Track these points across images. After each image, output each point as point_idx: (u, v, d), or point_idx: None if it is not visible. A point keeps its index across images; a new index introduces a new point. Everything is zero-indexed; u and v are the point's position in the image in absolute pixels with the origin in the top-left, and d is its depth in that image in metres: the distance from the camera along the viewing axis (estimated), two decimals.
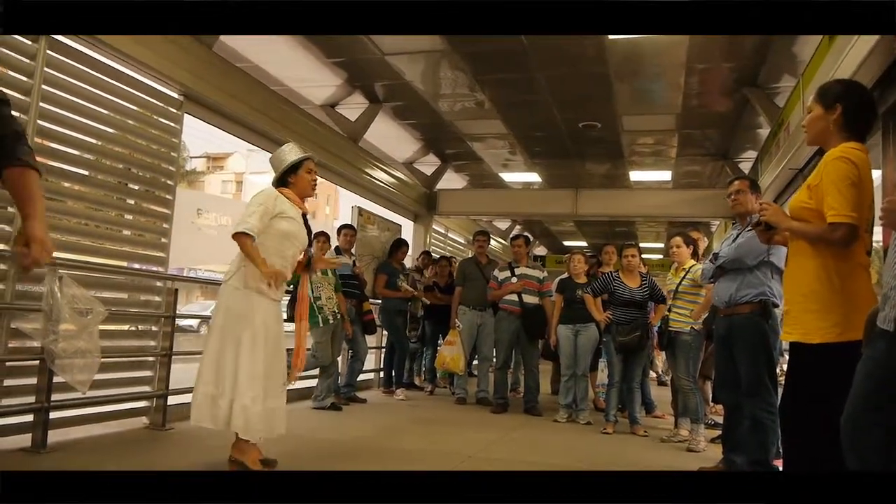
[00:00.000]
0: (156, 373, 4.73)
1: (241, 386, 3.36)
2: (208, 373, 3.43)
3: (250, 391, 3.37)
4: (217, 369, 3.42)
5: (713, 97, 7.25)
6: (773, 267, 3.84)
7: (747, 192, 4.04)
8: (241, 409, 3.35)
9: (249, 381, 3.38)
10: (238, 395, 3.36)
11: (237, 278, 3.51)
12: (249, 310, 3.46)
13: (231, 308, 3.48)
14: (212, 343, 3.48)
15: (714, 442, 4.91)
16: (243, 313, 3.45)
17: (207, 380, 3.42)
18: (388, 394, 7.39)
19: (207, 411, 3.40)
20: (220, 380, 3.40)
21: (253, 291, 3.48)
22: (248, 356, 3.40)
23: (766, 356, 3.74)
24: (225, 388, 3.38)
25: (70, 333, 3.54)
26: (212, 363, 3.44)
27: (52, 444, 3.81)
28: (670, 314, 5.22)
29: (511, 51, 6.16)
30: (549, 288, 6.66)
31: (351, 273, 6.60)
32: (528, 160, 10.12)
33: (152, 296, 4.90)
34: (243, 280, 3.49)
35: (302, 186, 3.73)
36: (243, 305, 3.46)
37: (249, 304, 3.47)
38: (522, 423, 5.98)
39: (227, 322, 3.47)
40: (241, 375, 3.38)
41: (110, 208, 4.75)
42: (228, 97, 5.50)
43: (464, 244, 12.37)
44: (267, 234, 3.52)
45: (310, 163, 3.76)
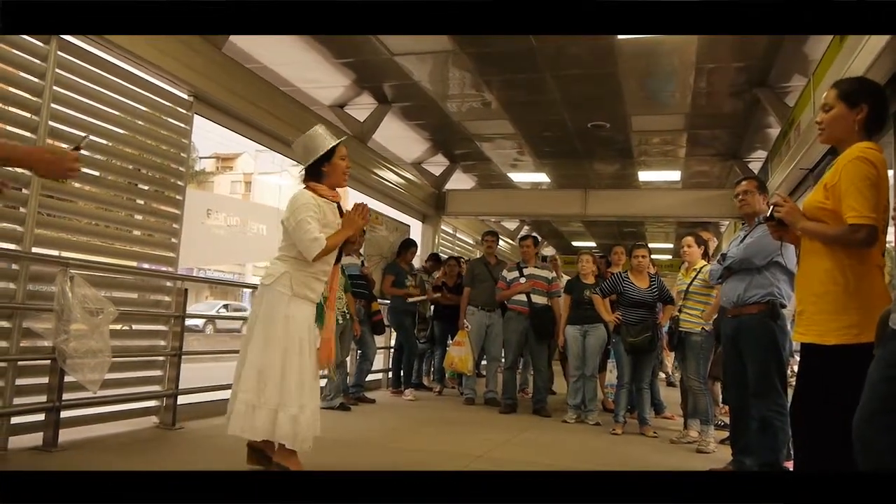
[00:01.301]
0: (166, 372, 4.75)
1: (289, 395, 3.25)
2: (249, 380, 3.29)
3: (299, 400, 3.27)
4: (260, 377, 3.28)
5: (723, 97, 7.22)
6: (781, 267, 3.82)
7: (755, 192, 4.03)
8: (289, 419, 3.23)
9: (298, 390, 3.27)
10: (285, 404, 3.24)
11: (283, 284, 3.36)
12: (298, 317, 3.35)
13: (278, 315, 3.33)
14: (254, 349, 3.34)
15: (724, 443, 4.89)
16: (291, 321, 3.33)
17: (248, 388, 3.28)
18: (396, 394, 7.39)
19: (247, 422, 3.26)
20: (263, 389, 3.26)
21: (300, 298, 3.38)
22: (297, 364, 3.30)
23: (775, 357, 3.71)
24: (268, 397, 3.25)
25: (81, 333, 3.57)
26: (254, 371, 3.30)
27: (64, 443, 3.84)
28: (681, 315, 5.20)
29: (519, 51, 6.15)
30: (557, 288, 6.65)
31: (359, 273, 6.61)
32: (537, 160, 10.11)
33: (162, 296, 4.92)
34: (290, 286, 3.35)
35: (336, 177, 3.54)
36: (291, 312, 3.34)
37: (298, 311, 3.36)
38: (531, 423, 5.97)
39: (273, 329, 3.33)
40: (290, 384, 3.26)
41: (121, 208, 4.77)
42: (238, 98, 5.52)
43: (472, 244, 12.37)
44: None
45: (342, 148, 3.55)
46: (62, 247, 4.18)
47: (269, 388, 3.25)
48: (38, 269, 3.90)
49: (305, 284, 3.40)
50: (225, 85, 5.34)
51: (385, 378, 8.11)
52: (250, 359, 3.34)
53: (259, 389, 3.27)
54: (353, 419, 5.70)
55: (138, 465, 3.61)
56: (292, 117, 6.36)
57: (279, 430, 3.24)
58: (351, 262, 6.51)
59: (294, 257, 3.42)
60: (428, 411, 6.44)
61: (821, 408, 2.51)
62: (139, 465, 3.61)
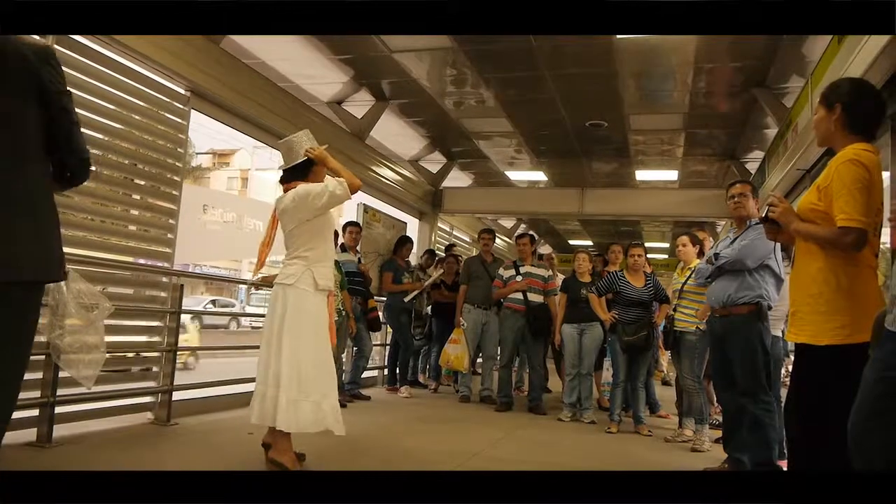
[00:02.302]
0: (161, 368, 4.75)
1: (326, 386, 3.45)
2: (289, 377, 3.39)
3: (322, 388, 3.44)
4: (300, 373, 3.39)
5: (721, 97, 7.23)
6: (770, 271, 3.90)
7: (749, 195, 4.07)
8: (331, 408, 3.43)
9: (331, 380, 3.49)
10: (326, 394, 3.44)
11: (306, 282, 3.49)
12: (324, 311, 3.54)
13: (307, 311, 3.47)
14: (288, 346, 3.43)
15: (718, 442, 4.90)
16: (320, 316, 3.51)
17: (289, 384, 3.38)
18: (392, 391, 7.39)
19: (291, 416, 3.36)
20: (303, 383, 3.38)
21: (322, 292, 3.53)
22: (328, 356, 3.50)
23: (763, 356, 3.80)
24: (310, 390, 3.39)
25: (76, 328, 3.55)
26: (293, 367, 3.40)
27: (58, 439, 3.83)
28: (675, 314, 5.21)
29: (518, 49, 6.15)
30: (554, 286, 6.66)
31: (356, 270, 6.60)
32: (535, 159, 10.11)
33: (158, 291, 4.91)
34: (313, 283, 3.49)
35: (320, 178, 3.65)
36: (319, 308, 3.52)
37: (323, 306, 3.54)
38: (526, 421, 5.98)
39: (306, 325, 3.46)
40: (326, 375, 3.46)
41: (116, 203, 4.76)
42: (235, 94, 5.50)
43: (469, 242, 12.37)
44: (323, 226, 3.57)
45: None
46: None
47: (310, 382, 3.40)
48: None
49: (326, 276, 3.55)
50: (222, 80, 5.32)
51: (381, 375, 8.11)
52: (286, 355, 3.42)
53: (300, 385, 3.39)
54: (348, 416, 5.64)
55: (133, 461, 3.60)
56: (289, 113, 6.35)
57: (326, 420, 3.40)
58: (348, 259, 6.51)
59: (312, 255, 3.54)
60: (423, 409, 6.44)
61: (815, 407, 2.52)
62: (134, 461, 3.60)
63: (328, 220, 3.64)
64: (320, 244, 3.57)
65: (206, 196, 30.68)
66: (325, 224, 3.62)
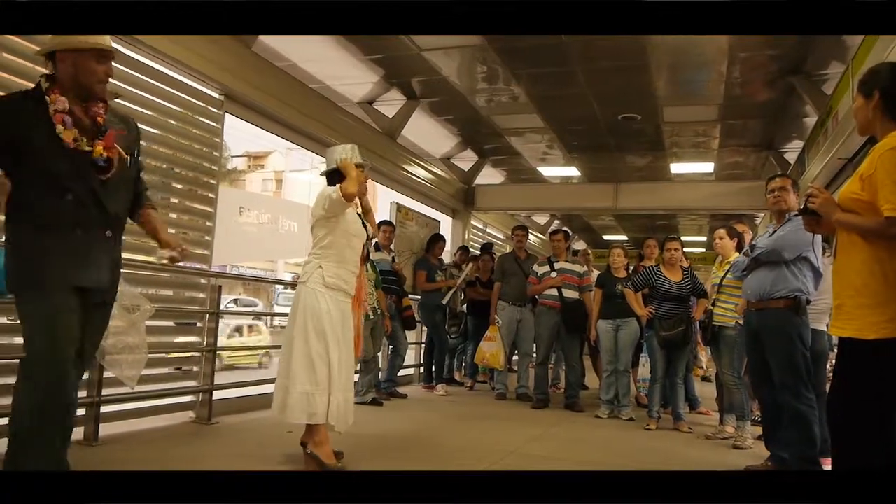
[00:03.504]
0: (201, 368, 4.83)
1: (338, 382, 3.51)
2: (303, 372, 3.48)
3: (339, 385, 3.52)
4: (311, 368, 3.48)
5: (757, 86, 7.08)
6: (808, 263, 3.81)
7: (790, 189, 3.98)
8: (326, 403, 3.47)
9: (338, 377, 3.52)
10: (334, 390, 3.49)
11: (315, 281, 3.58)
12: (335, 309, 3.57)
13: (316, 309, 3.53)
14: (299, 343, 3.52)
15: (761, 439, 4.81)
16: (330, 314, 3.54)
17: (304, 379, 3.47)
18: (428, 389, 7.41)
19: (304, 408, 3.46)
20: (315, 376, 3.47)
21: (334, 290, 3.58)
22: (342, 353, 3.55)
23: (801, 351, 3.72)
24: (323, 384, 3.47)
25: (119, 330, 3.62)
26: (306, 363, 3.49)
27: (104, 438, 3.92)
28: (714, 308, 5.13)
29: (548, 45, 6.11)
30: (589, 282, 6.60)
31: (390, 269, 6.63)
32: (567, 154, 10.03)
33: (197, 293, 5.00)
34: (322, 281, 3.57)
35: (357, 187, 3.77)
36: (329, 306, 3.55)
37: (334, 305, 3.57)
38: (563, 419, 5.94)
39: (316, 323, 3.52)
40: (334, 372, 3.50)
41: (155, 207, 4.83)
42: (268, 96, 5.57)
43: (502, 239, 12.34)
44: (335, 233, 3.62)
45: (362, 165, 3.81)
46: None
47: (300, 372, 3.47)
48: None
49: (338, 276, 3.61)
50: (255, 83, 5.39)
51: (416, 373, 8.14)
52: (295, 352, 3.52)
53: (289, 373, 3.49)
54: (384, 414, 5.72)
55: (175, 459, 3.67)
56: (322, 114, 6.41)
57: (318, 413, 3.45)
58: (382, 258, 6.55)
59: (324, 253, 3.63)
60: (459, 406, 6.45)
61: (859, 404, 2.45)
62: (176, 459, 3.67)
63: (345, 222, 3.66)
64: (335, 244, 3.62)
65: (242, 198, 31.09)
66: (341, 226, 3.65)
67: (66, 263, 2.36)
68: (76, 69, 2.44)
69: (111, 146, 2.50)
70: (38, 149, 2.34)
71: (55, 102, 2.38)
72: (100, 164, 2.46)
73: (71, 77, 2.44)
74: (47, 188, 2.36)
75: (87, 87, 2.47)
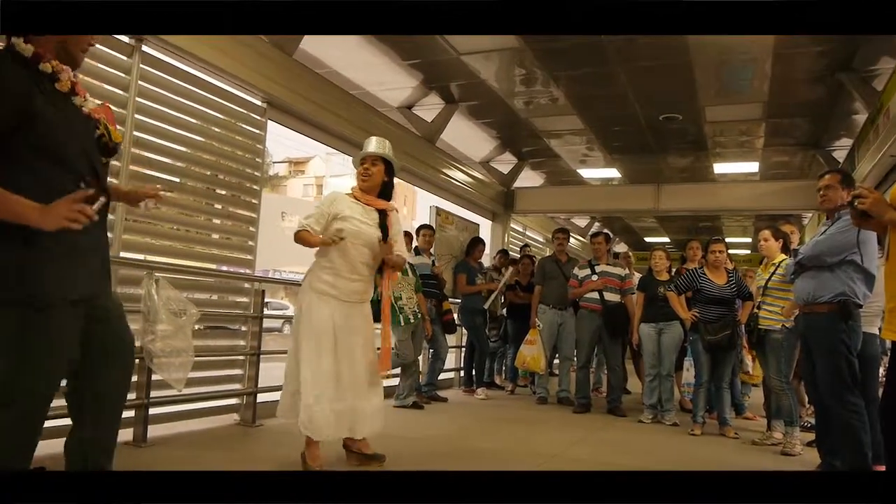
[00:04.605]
0: (245, 371, 4.91)
1: (306, 384, 3.42)
2: (289, 375, 3.59)
3: (314, 390, 3.40)
4: (295, 368, 3.54)
5: (803, 83, 6.90)
6: (855, 266, 3.68)
7: (837, 187, 3.81)
8: (304, 406, 3.40)
9: (313, 380, 3.41)
10: (303, 393, 3.42)
11: (306, 281, 3.62)
12: (313, 311, 3.50)
13: (300, 310, 3.59)
14: (291, 347, 3.63)
15: (811, 445, 4.68)
16: (307, 314, 3.51)
17: (290, 379, 3.58)
18: (468, 393, 7.41)
19: (289, 408, 3.56)
20: (296, 378, 3.51)
21: (316, 292, 3.53)
22: (311, 355, 3.44)
23: (844, 358, 3.61)
24: (297, 385, 3.48)
25: (166, 333, 3.71)
26: (292, 366, 3.58)
27: (152, 439, 4.01)
28: (759, 311, 5.02)
29: (587, 45, 6.06)
30: (630, 285, 6.52)
31: (430, 273, 6.65)
32: (607, 155, 9.94)
33: (240, 297, 5.08)
34: (309, 282, 3.58)
35: (358, 181, 3.79)
36: (307, 307, 3.53)
37: (314, 306, 3.51)
38: (605, 423, 5.87)
39: (296, 324, 3.61)
40: (305, 373, 3.43)
41: (200, 213, 4.95)
42: (309, 103, 5.65)
43: (542, 242, 12.27)
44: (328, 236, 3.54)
45: (365, 158, 3.76)
46: (147, 251, 4.37)
47: (299, 377, 3.48)
48: (126, 272, 4.09)
49: (328, 283, 3.54)
50: (296, 90, 5.47)
51: (457, 377, 8.14)
52: (290, 352, 3.63)
53: (295, 381, 3.52)
54: (425, 417, 5.74)
55: (221, 461, 3.74)
56: (361, 120, 6.47)
57: (300, 415, 3.42)
58: (422, 262, 6.58)
59: (317, 259, 3.63)
60: (500, 410, 6.43)
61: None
62: (222, 461, 3.74)
63: (334, 230, 3.55)
64: (325, 251, 3.55)
65: (284, 203, 31.61)
66: (330, 232, 3.55)
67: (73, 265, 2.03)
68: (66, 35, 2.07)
69: (114, 122, 2.23)
70: (48, 124, 1.95)
71: (60, 70, 2.02)
72: (110, 146, 2.17)
73: (59, 42, 2.05)
74: (59, 172, 1.98)
75: (73, 58, 2.11)
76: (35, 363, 1.94)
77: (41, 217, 1.88)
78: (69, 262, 2.01)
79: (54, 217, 1.88)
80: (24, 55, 1.98)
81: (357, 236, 3.56)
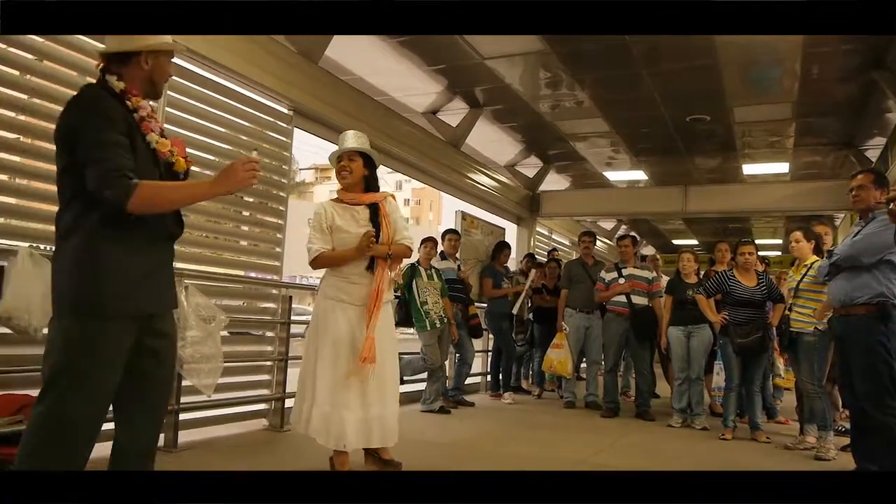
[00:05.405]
0: (273, 376, 4.95)
1: (323, 392, 3.39)
2: (304, 381, 3.56)
3: (331, 398, 3.38)
4: (303, 379, 3.54)
5: (834, 82, 6.78)
6: (893, 266, 3.61)
7: (870, 187, 3.75)
8: (322, 416, 3.38)
9: (331, 388, 3.39)
10: (319, 401, 3.40)
11: (320, 290, 3.63)
12: (328, 318, 3.49)
13: (315, 318, 3.59)
14: (304, 352, 3.64)
15: (845, 450, 4.59)
16: (323, 322, 3.51)
17: (303, 388, 3.55)
18: (495, 397, 7.39)
19: (296, 415, 3.55)
20: (305, 386, 3.50)
21: (330, 300, 3.53)
22: (327, 363, 3.42)
23: (883, 360, 3.53)
24: (307, 393, 3.47)
25: (196, 339, 3.76)
26: (302, 373, 3.59)
27: (183, 444, 4.06)
28: (791, 314, 4.94)
29: (612, 48, 6.02)
30: (658, 288, 6.46)
31: (456, 277, 6.65)
32: (634, 158, 9.86)
33: (268, 303, 5.13)
34: (322, 290, 3.59)
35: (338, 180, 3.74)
36: (322, 314, 3.53)
37: (328, 313, 3.50)
38: (634, 427, 5.82)
39: (312, 331, 3.59)
40: (322, 382, 3.41)
41: (228, 220, 5.01)
42: (335, 110, 5.69)
43: (569, 245, 12.21)
44: (337, 242, 3.55)
45: (341, 156, 3.68)
46: (177, 258, 4.41)
47: (309, 385, 3.46)
48: None
49: (337, 287, 3.53)
50: (322, 98, 5.52)
51: (484, 381, 8.13)
52: (305, 359, 3.61)
53: (301, 388, 3.53)
54: (452, 422, 5.74)
55: (250, 466, 3.77)
56: (387, 126, 6.50)
57: (310, 425, 3.40)
58: (448, 267, 6.58)
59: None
60: (527, 415, 6.40)
61: None
62: (251, 466, 3.77)
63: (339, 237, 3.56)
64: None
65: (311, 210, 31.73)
66: (340, 241, 3.56)
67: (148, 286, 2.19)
68: (153, 70, 2.22)
69: (186, 156, 2.36)
70: (137, 150, 2.11)
71: (140, 108, 2.18)
72: (180, 176, 2.32)
73: (145, 78, 2.21)
74: None
75: (157, 89, 2.29)
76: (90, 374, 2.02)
77: (221, 185, 2.19)
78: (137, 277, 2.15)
79: (235, 180, 2.15)
80: (115, 90, 2.14)
81: (348, 244, 3.53)
